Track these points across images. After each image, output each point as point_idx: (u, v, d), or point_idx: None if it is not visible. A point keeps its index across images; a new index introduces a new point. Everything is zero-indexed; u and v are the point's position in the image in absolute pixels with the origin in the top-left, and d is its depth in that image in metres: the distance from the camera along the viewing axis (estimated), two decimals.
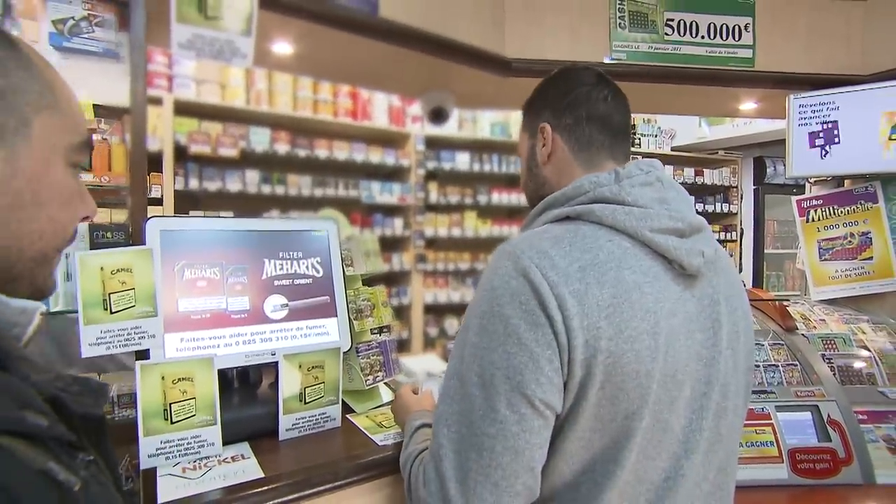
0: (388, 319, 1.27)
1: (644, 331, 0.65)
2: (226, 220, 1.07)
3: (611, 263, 0.66)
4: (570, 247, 0.66)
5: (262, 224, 1.11)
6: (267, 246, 1.09)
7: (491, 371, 0.64)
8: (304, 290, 1.12)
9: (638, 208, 0.69)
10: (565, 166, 0.79)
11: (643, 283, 0.66)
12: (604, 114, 0.78)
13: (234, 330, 1.03)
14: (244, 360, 1.02)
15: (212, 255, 1.03)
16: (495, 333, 0.64)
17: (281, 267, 1.09)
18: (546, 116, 0.82)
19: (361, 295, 1.21)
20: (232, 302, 1.03)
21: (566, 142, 0.79)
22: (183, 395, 0.90)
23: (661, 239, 0.68)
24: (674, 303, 0.68)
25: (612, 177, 0.73)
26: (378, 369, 1.20)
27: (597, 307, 0.63)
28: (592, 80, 0.80)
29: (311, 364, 1.03)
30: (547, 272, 0.64)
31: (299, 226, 1.15)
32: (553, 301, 0.62)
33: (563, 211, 0.73)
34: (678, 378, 0.68)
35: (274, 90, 3.13)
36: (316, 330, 1.11)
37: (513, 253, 0.67)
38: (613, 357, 0.63)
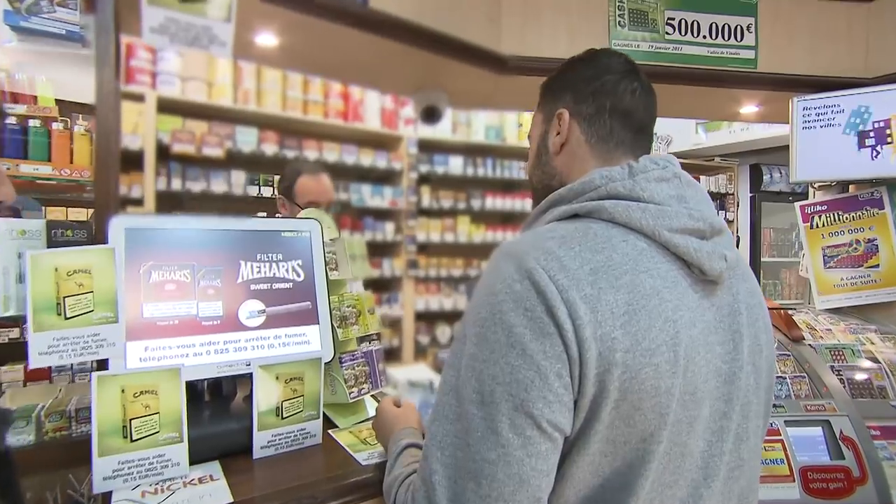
0: (375, 327, 1.23)
1: (663, 342, 0.60)
2: (198, 219, 1.02)
3: (626, 266, 0.61)
4: (580, 247, 0.62)
5: (238, 223, 1.06)
6: (243, 247, 1.05)
7: (491, 387, 0.59)
8: (283, 295, 1.07)
9: (654, 205, 0.65)
10: (579, 159, 0.75)
11: (662, 289, 0.62)
12: (630, 108, 0.74)
13: (206, 338, 0.97)
14: (216, 370, 0.97)
15: (182, 257, 0.97)
16: (497, 344, 0.59)
17: (258, 270, 1.05)
18: (566, 101, 0.77)
19: (346, 301, 1.17)
20: (203, 307, 0.98)
21: (584, 132, 0.75)
22: (145, 409, 0.84)
23: (680, 240, 0.64)
24: (693, 311, 0.64)
25: (625, 171, 0.68)
26: (363, 381, 1.16)
27: (611, 315, 0.58)
28: (623, 69, 0.75)
29: (289, 375, 0.98)
30: (555, 275, 0.59)
31: (279, 226, 1.10)
32: (563, 307, 0.58)
33: (571, 208, 0.68)
34: (697, 396, 0.64)
35: (262, 89, 3.08)
36: (296, 338, 1.07)
37: (516, 253, 0.62)
38: (630, 372, 0.58)
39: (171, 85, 2.79)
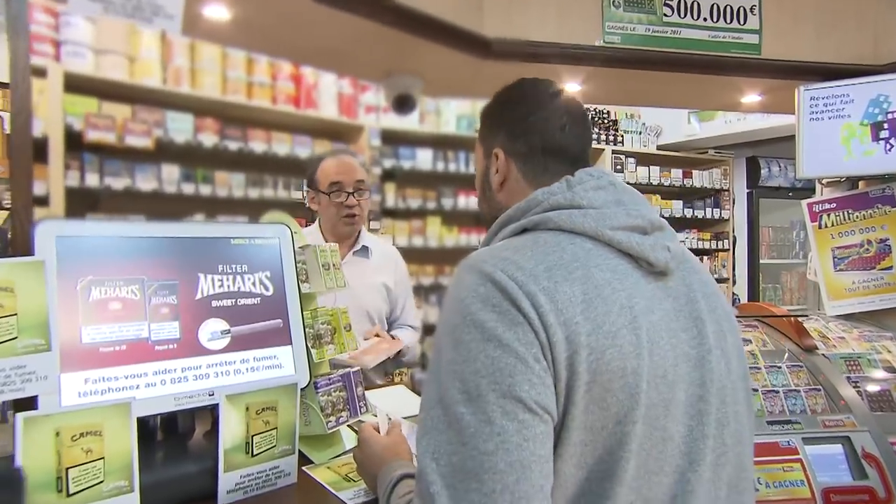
0: (353, 346, 1.23)
1: (623, 325, 0.70)
2: (148, 225, 1.01)
3: (576, 263, 0.72)
4: (532, 252, 0.73)
5: (195, 230, 1.05)
6: (202, 257, 1.03)
7: (475, 381, 0.66)
8: (250, 312, 1.06)
9: (594, 210, 0.77)
10: (519, 193, 0.86)
11: (613, 280, 0.73)
12: (561, 145, 0.86)
13: (160, 365, 0.96)
14: (173, 403, 0.95)
15: (129, 269, 0.95)
16: (473, 342, 0.67)
17: (220, 283, 1.04)
18: (500, 139, 0.89)
19: (320, 317, 1.16)
20: (156, 329, 0.96)
21: (520, 169, 0.88)
22: (87, 455, 0.81)
23: (622, 236, 0.76)
24: (648, 300, 0.74)
25: (563, 185, 0.81)
26: (341, 408, 1.16)
27: (570, 303, 0.69)
28: (550, 105, 0.88)
29: (260, 405, 0.97)
30: (513, 273, 0.69)
31: (244, 232, 1.10)
32: (525, 299, 0.68)
33: (519, 224, 0.80)
34: (669, 379, 0.73)
35: (198, 68, 3.01)
36: (266, 362, 1.06)
37: (474, 265, 0.73)
38: (596, 353, 0.68)
39: (80, 58, 2.67)
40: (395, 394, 1.74)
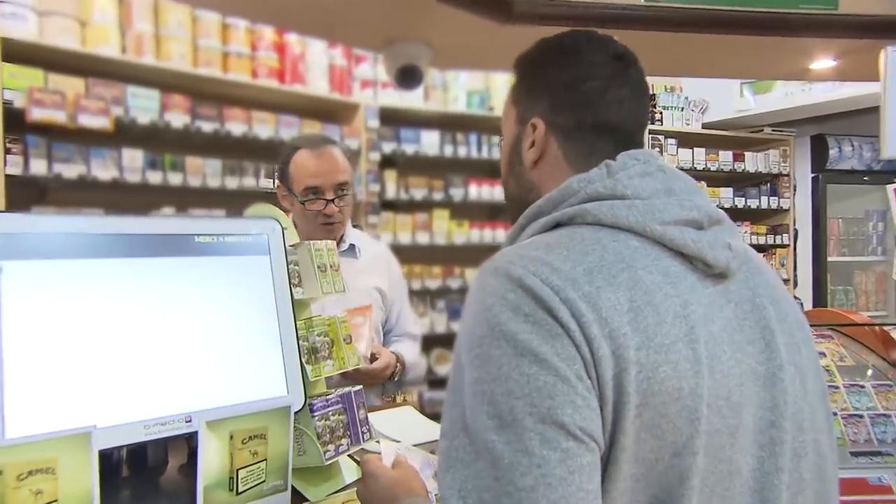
0: (355, 361, 1.23)
1: (678, 337, 0.69)
2: (104, 221, 1.00)
3: (621, 264, 0.71)
4: (569, 251, 0.72)
5: (165, 226, 1.05)
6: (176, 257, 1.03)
7: (509, 404, 0.65)
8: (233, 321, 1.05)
9: (641, 200, 0.76)
10: (557, 176, 0.84)
11: (664, 285, 0.72)
12: (616, 121, 0.84)
13: (126, 385, 0.95)
14: (143, 432, 0.94)
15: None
16: (503, 357, 0.67)
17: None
18: (542, 108, 0.86)
19: (316, 327, 1.17)
20: (119, 340, 0.96)
21: (562, 147, 0.85)
22: (37, 498, 0.80)
23: (675, 232, 0.74)
24: (707, 307, 0.73)
25: (602, 171, 0.80)
26: (341, 435, 1.16)
27: (615, 311, 0.68)
28: (610, 71, 0.84)
29: (247, 433, 0.96)
30: (547, 276, 0.69)
31: (225, 228, 1.10)
32: (563, 307, 0.67)
33: (551, 218, 0.79)
34: (733, 401, 0.72)
35: (163, 35, 3.02)
36: (253, 380, 1.06)
37: (500, 268, 0.72)
38: (647, 371, 0.67)
39: (20, 20, 2.66)
40: (402, 416, 1.73)
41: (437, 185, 3.83)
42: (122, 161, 2.85)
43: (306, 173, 1.76)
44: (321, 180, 1.76)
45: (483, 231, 3.94)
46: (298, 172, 1.77)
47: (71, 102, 2.70)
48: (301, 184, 1.76)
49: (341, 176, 1.79)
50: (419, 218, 3.77)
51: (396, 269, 2.07)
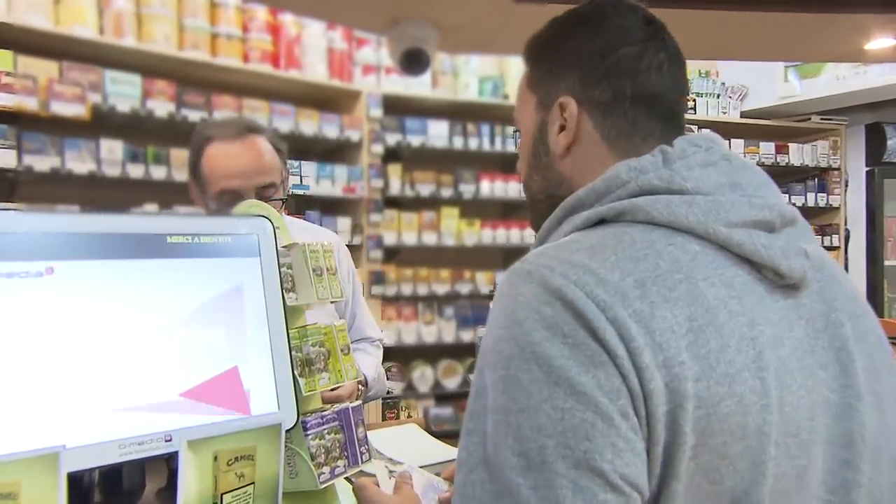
0: (353, 374, 1.22)
1: (744, 366, 0.66)
2: (78, 218, 1.01)
3: (678, 274, 0.68)
4: (617, 256, 0.69)
5: (143, 224, 1.05)
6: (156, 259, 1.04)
7: (538, 442, 0.62)
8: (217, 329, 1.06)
9: (703, 196, 0.72)
10: (594, 161, 0.82)
11: (729, 300, 0.68)
12: (657, 90, 0.81)
13: (98, 401, 0.94)
14: (118, 453, 0.94)
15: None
16: (534, 385, 0.64)
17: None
18: (570, 84, 0.83)
19: (310, 337, 1.16)
20: (91, 349, 0.95)
21: (598, 126, 0.82)
22: None
23: (742, 236, 0.71)
24: (776, 326, 0.70)
25: (657, 159, 0.76)
26: (337, 455, 1.15)
27: (672, 334, 0.65)
28: (643, 35, 0.82)
29: (233, 453, 0.96)
30: (592, 289, 0.65)
31: (209, 227, 1.09)
32: (609, 328, 0.64)
33: (595, 212, 0.75)
34: (803, 437, 0.69)
35: (145, 14, 3.05)
36: (241, 395, 1.05)
37: (535, 272, 0.69)
38: (707, 406, 0.64)
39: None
40: (405, 435, 1.73)
41: (446, 180, 3.84)
42: (99, 153, 2.87)
43: (221, 173, 1.55)
44: (240, 182, 1.54)
45: (496, 231, 3.95)
46: (211, 171, 1.56)
47: (43, 88, 2.72)
48: (215, 185, 1.55)
49: (266, 177, 1.57)
50: (426, 217, 3.79)
51: (348, 262, 1.90)
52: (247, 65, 3.28)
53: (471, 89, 3.95)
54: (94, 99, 2.83)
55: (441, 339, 3.78)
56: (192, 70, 3.16)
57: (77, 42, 2.86)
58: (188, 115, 3.05)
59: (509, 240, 3.95)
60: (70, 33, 2.84)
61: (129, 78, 2.93)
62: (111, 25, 2.96)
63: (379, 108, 3.61)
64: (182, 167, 3.04)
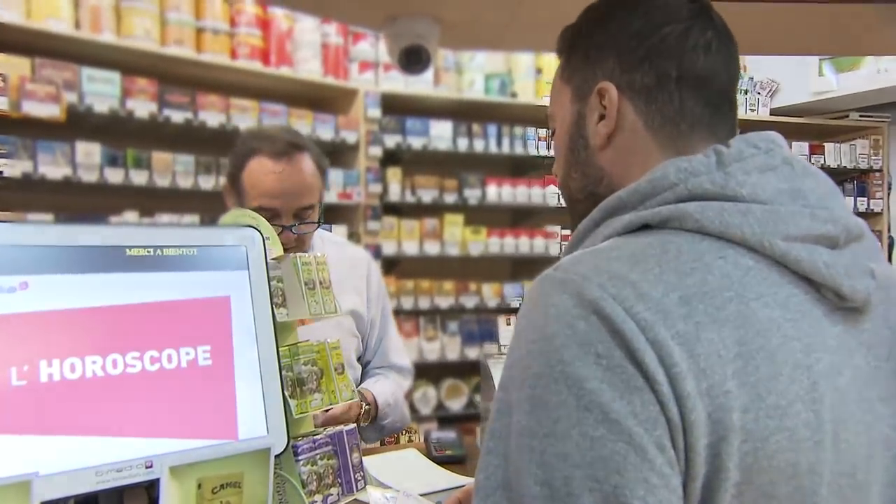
0: (348, 395, 1.24)
1: (797, 397, 0.65)
2: (51, 229, 1.03)
3: (728, 292, 0.66)
4: (661, 268, 0.67)
5: (122, 235, 1.06)
6: (133, 273, 1.05)
7: (564, 472, 0.62)
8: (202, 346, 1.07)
9: (760, 205, 0.71)
10: (637, 153, 0.81)
11: (783, 322, 0.67)
12: (705, 72, 0.80)
13: (74, 425, 0.96)
14: (94, 480, 0.95)
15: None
16: (563, 408, 0.63)
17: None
18: (608, 69, 0.82)
19: (302, 355, 1.18)
20: (66, 367, 0.97)
21: (641, 113, 0.81)
22: None
23: (802, 252, 0.69)
24: (834, 354, 0.69)
25: (711, 160, 0.74)
26: (330, 483, 1.17)
27: (718, 360, 0.63)
28: (688, 13, 0.81)
29: (218, 480, 0.97)
30: (632, 306, 0.64)
31: (194, 238, 1.11)
32: (649, 351, 0.62)
33: (638, 216, 0.74)
34: (858, 479, 0.68)
35: (124, 7, 3.06)
36: (227, 418, 1.07)
37: (570, 281, 0.67)
38: (754, 441, 0.63)
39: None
40: (403, 461, 1.74)
41: (450, 185, 3.83)
42: (75, 156, 2.88)
43: (261, 190, 1.64)
44: (280, 202, 1.64)
45: (503, 240, 3.93)
46: (252, 186, 1.66)
47: (14, 86, 2.73)
48: (255, 201, 1.64)
49: (306, 199, 1.68)
50: (428, 224, 3.78)
51: (378, 281, 1.96)
52: (234, 61, 3.28)
53: (476, 87, 3.95)
54: (69, 98, 2.84)
55: (444, 357, 3.77)
56: (176, 67, 3.17)
57: (51, 37, 2.87)
58: (171, 115, 3.07)
59: (518, 249, 3.94)
60: (43, 28, 2.85)
61: (107, 76, 2.94)
62: (88, 19, 2.98)
63: (377, 107, 3.61)
64: (164, 172, 3.06)
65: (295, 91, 3.51)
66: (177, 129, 3.12)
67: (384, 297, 1.98)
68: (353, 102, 3.60)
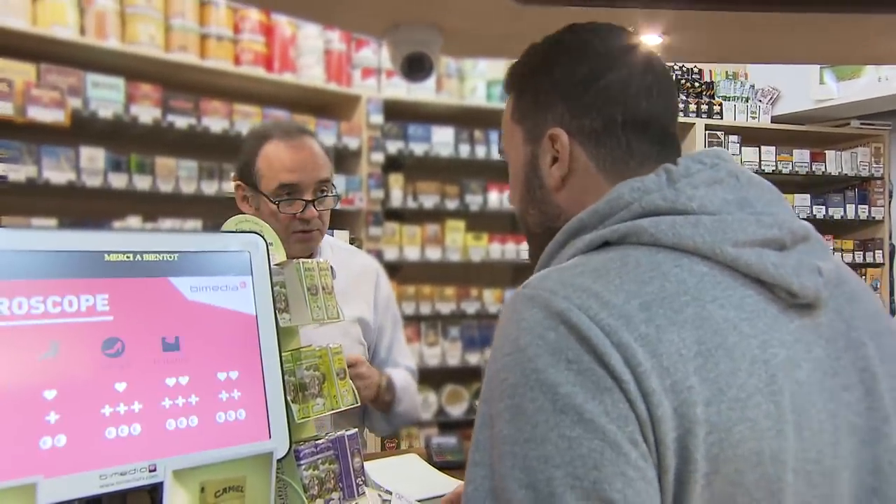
0: (350, 400, 1.24)
1: (756, 389, 0.68)
2: (54, 235, 1.04)
3: (685, 296, 0.71)
4: (621, 279, 0.71)
5: (123, 241, 1.06)
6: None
7: (546, 473, 0.65)
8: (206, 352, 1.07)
9: (708, 216, 0.75)
10: (590, 190, 0.85)
11: (739, 321, 0.71)
12: (649, 115, 0.85)
13: (78, 429, 0.95)
14: (98, 484, 0.95)
15: (28, 290, 0.96)
16: (540, 413, 0.66)
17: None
18: (558, 115, 0.87)
19: (304, 360, 1.18)
20: (69, 375, 0.97)
21: (592, 157, 0.86)
22: None
23: (751, 255, 0.73)
24: (791, 348, 0.72)
25: (661, 178, 0.79)
26: (332, 487, 1.16)
27: (679, 358, 0.67)
28: (628, 59, 0.86)
29: (221, 484, 0.98)
30: (596, 312, 0.68)
31: (197, 244, 1.11)
32: (615, 353, 0.66)
33: (598, 235, 0.78)
34: (825, 465, 0.71)
35: (129, 14, 3.08)
36: (230, 422, 1.07)
37: (538, 296, 0.71)
38: (719, 432, 0.66)
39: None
40: (405, 466, 1.74)
41: (451, 191, 3.84)
42: (79, 161, 2.89)
43: (281, 167, 1.68)
44: (300, 176, 1.68)
45: (505, 246, 3.95)
46: (270, 167, 1.69)
47: (19, 92, 2.74)
48: (274, 180, 1.68)
49: (323, 172, 1.73)
50: (430, 230, 3.79)
51: (386, 289, 1.99)
52: (238, 67, 3.29)
53: (478, 93, 3.96)
54: (74, 104, 2.85)
55: (445, 363, 3.77)
56: (180, 73, 3.18)
57: (56, 43, 2.89)
58: (175, 121, 3.07)
59: (519, 255, 3.93)
60: (48, 34, 2.87)
61: (111, 81, 2.96)
62: (93, 25, 3.00)
63: (379, 113, 3.63)
64: (168, 177, 3.06)
65: (298, 97, 3.52)
66: (180, 134, 3.13)
67: (393, 305, 2.01)
68: (356, 109, 3.62)
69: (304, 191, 1.69)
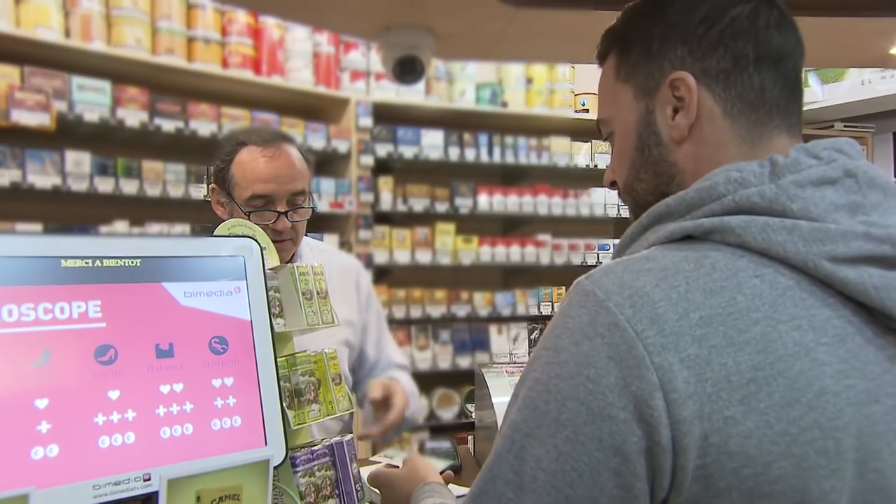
0: (346, 405, 1.23)
1: (814, 423, 0.64)
2: (43, 240, 1.02)
3: (756, 313, 0.66)
4: (688, 285, 0.67)
5: (115, 246, 1.05)
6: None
7: (534, 472, 0.68)
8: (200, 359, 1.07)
9: (808, 222, 0.68)
10: (713, 144, 0.78)
11: (815, 347, 0.66)
12: (780, 49, 0.78)
13: (71, 438, 0.95)
14: (91, 494, 0.94)
15: (18, 297, 0.95)
16: (546, 417, 0.68)
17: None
18: (678, 58, 0.80)
19: (300, 366, 1.17)
20: (60, 383, 0.95)
21: (720, 101, 0.78)
22: None
23: (850, 273, 0.67)
24: (874, 379, 0.68)
25: (764, 170, 0.72)
26: (328, 494, 1.16)
27: (727, 384, 0.64)
28: None
29: (218, 493, 0.97)
30: (643, 330, 0.65)
31: (191, 249, 1.11)
32: (650, 375, 0.64)
33: (681, 227, 0.73)
34: None
35: (115, 16, 3.06)
36: (225, 429, 1.06)
37: (592, 295, 0.69)
38: (755, 465, 0.63)
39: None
40: None
41: (441, 194, 3.85)
42: (64, 166, 2.88)
43: (255, 177, 1.65)
44: (273, 187, 1.65)
45: (495, 249, 3.95)
46: (244, 175, 1.66)
47: (3, 95, 2.73)
48: (247, 189, 1.65)
49: (298, 183, 1.69)
50: (419, 233, 3.79)
51: (366, 286, 1.98)
52: (226, 70, 3.29)
53: (467, 97, 3.97)
54: (59, 107, 2.84)
55: (436, 366, 3.77)
56: (166, 76, 3.17)
57: (40, 45, 2.87)
58: (162, 124, 3.07)
59: (509, 258, 3.95)
60: (33, 36, 2.85)
61: (97, 84, 2.95)
62: (78, 28, 2.98)
63: (369, 116, 3.63)
64: (155, 181, 3.05)
65: (286, 100, 3.52)
66: (167, 138, 3.12)
67: (375, 302, 2.01)
68: (345, 112, 3.62)
69: (277, 202, 1.66)
